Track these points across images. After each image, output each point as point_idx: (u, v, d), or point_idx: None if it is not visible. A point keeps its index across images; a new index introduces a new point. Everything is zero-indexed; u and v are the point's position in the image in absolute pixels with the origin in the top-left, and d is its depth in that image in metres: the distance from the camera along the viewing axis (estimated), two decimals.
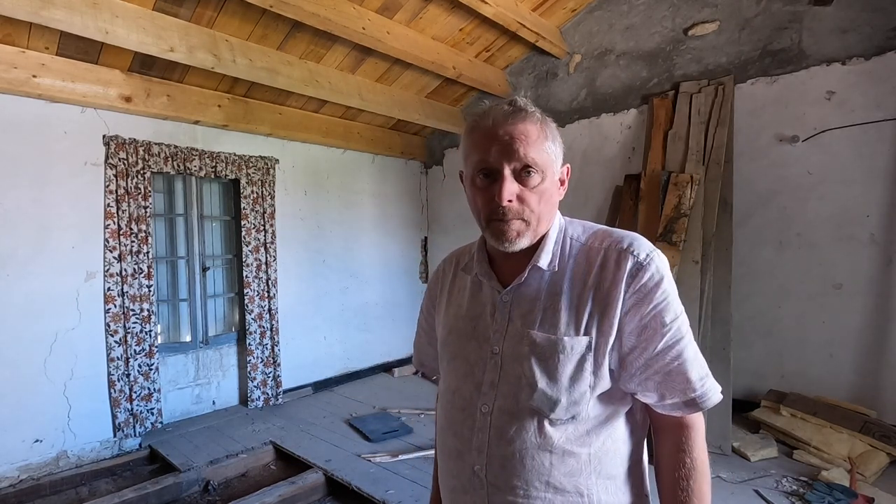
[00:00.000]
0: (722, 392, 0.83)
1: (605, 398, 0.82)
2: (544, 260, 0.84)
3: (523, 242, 0.82)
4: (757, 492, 2.50)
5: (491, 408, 0.83)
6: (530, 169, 0.79)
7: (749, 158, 3.44)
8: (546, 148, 0.80)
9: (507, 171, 0.78)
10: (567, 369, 0.79)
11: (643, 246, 0.81)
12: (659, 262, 0.80)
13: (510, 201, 0.79)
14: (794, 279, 3.31)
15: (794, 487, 2.53)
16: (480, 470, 0.83)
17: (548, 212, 0.84)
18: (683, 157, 3.47)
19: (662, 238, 3.18)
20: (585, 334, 0.79)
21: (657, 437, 0.86)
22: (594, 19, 4.18)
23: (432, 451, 1.11)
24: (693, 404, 0.79)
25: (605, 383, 0.81)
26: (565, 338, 0.79)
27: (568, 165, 0.88)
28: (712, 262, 3.14)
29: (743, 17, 3.46)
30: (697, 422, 0.82)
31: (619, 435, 0.85)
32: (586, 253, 0.84)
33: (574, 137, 4.33)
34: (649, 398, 0.82)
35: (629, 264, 0.79)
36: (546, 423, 0.80)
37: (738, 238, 3.43)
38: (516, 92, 4.70)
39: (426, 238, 5.72)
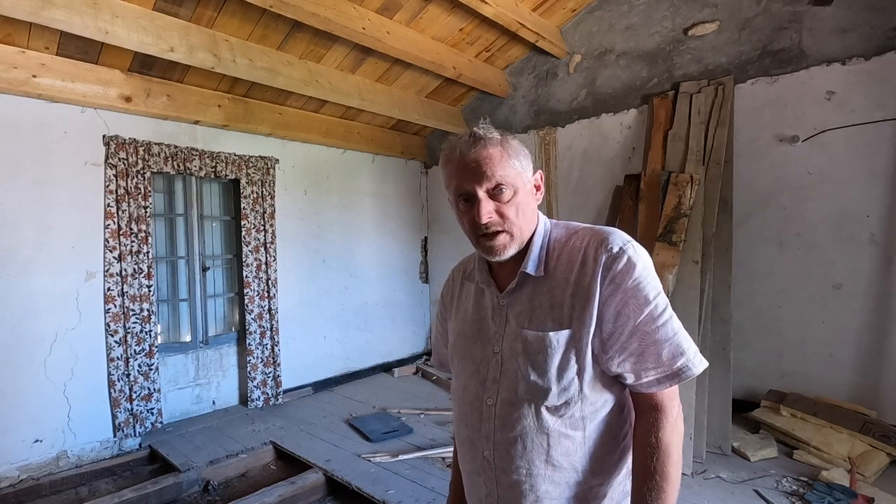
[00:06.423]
0: (706, 362, 0.89)
1: (597, 386, 0.90)
2: (531, 267, 0.93)
3: (511, 251, 0.92)
4: (757, 492, 2.50)
5: (495, 400, 0.94)
6: (501, 186, 0.89)
7: (749, 158, 3.44)
8: (511, 165, 0.90)
9: (482, 193, 0.89)
10: (555, 361, 0.88)
11: (617, 239, 0.89)
12: (632, 252, 0.87)
13: (490, 217, 0.90)
14: (794, 279, 3.31)
15: (795, 487, 2.53)
16: (489, 455, 0.95)
17: (527, 220, 0.94)
18: (683, 157, 3.47)
19: (662, 238, 3.18)
20: (568, 327, 0.88)
21: (634, 422, 0.93)
22: (594, 19, 4.18)
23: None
24: (681, 373, 0.85)
25: (590, 368, 0.89)
26: (550, 333, 0.89)
27: (540, 172, 0.99)
28: (712, 262, 3.14)
29: (743, 17, 3.46)
30: (668, 406, 0.88)
31: (611, 420, 0.92)
32: (569, 253, 0.92)
33: (574, 137, 4.33)
34: (631, 376, 0.87)
35: (603, 257, 0.87)
36: (543, 410, 0.90)
37: (738, 238, 3.43)
38: (516, 92, 4.70)
39: (426, 238, 5.72)
